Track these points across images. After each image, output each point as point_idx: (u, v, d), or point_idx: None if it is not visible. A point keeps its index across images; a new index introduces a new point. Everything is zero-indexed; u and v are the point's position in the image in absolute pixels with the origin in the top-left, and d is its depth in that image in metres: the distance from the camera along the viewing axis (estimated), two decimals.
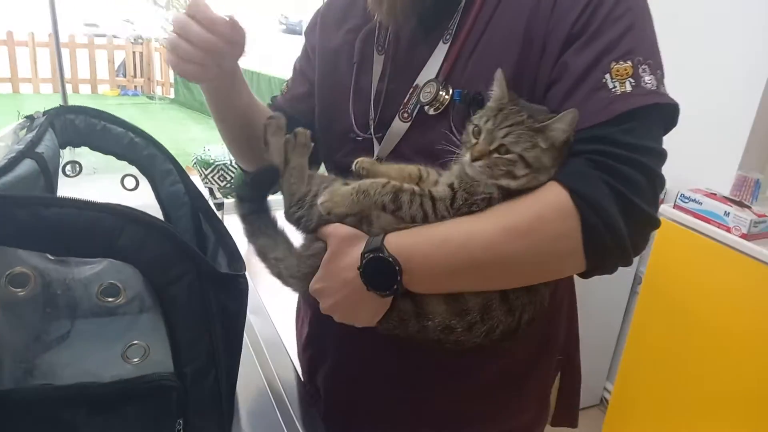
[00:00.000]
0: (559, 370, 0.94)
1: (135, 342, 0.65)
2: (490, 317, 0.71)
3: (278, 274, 0.82)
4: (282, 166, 0.82)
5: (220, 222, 0.86)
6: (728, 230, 1.77)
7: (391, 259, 0.68)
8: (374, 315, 0.74)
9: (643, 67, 0.68)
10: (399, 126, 0.81)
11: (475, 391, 0.85)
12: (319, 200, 0.73)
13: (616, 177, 0.65)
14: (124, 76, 8.81)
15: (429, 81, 0.79)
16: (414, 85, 0.80)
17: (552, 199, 0.66)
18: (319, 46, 0.94)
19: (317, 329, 0.96)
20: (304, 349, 1.02)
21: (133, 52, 8.66)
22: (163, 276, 0.64)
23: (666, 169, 0.69)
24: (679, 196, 1.93)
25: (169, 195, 0.92)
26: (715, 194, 1.88)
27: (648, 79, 0.68)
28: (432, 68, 0.79)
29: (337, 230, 0.75)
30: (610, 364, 2.32)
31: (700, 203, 1.85)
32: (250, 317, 1.05)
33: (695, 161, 2.08)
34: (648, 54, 0.69)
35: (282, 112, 0.89)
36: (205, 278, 0.67)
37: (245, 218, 0.84)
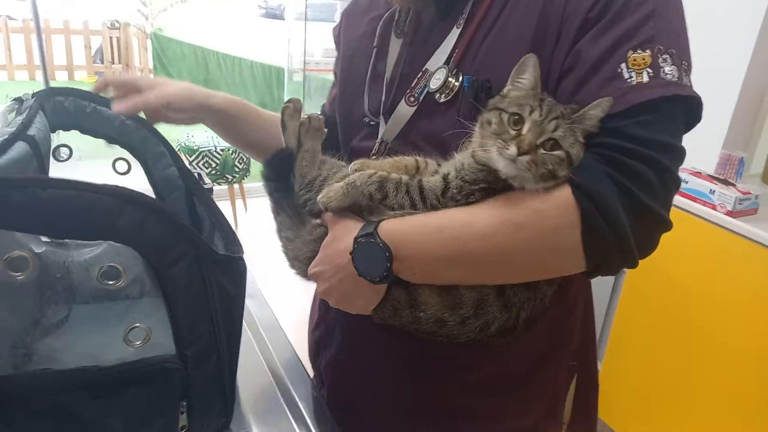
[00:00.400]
0: (573, 376, 0.90)
1: (137, 325, 0.65)
2: (485, 312, 0.70)
3: (286, 254, 0.83)
4: (296, 149, 0.84)
5: (215, 205, 0.86)
6: (714, 208, 1.80)
7: (381, 244, 0.67)
8: (368, 302, 0.73)
9: (664, 56, 0.64)
10: (404, 110, 0.79)
11: (475, 388, 0.83)
12: (318, 197, 0.75)
13: (624, 172, 0.61)
14: (102, 62, 8.62)
15: (440, 67, 0.77)
16: (423, 69, 0.79)
17: (553, 192, 0.63)
18: (344, 38, 0.94)
19: (325, 315, 0.96)
20: (312, 332, 1.02)
21: (110, 38, 8.47)
22: (163, 258, 0.63)
23: None
24: None
25: (162, 178, 0.90)
26: (701, 173, 1.91)
27: (669, 70, 0.64)
28: (442, 53, 0.77)
29: (337, 216, 0.75)
30: (597, 342, 2.36)
31: (686, 182, 1.87)
32: (247, 301, 1.04)
33: None
34: (671, 43, 0.65)
35: (326, 116, 0.93)
36: (204, 260, 0.67)
37: (271, 195, 0.88)
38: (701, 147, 2.23)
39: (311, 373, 0.94)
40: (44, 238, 0.68)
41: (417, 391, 0.85)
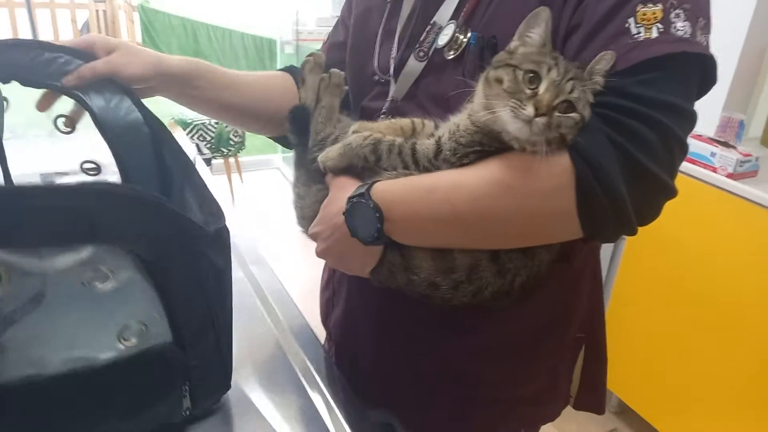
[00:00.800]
0: (580, 349, 0.89)
1: (130, 322, 0.61)
2: (478, 278, 0.69)
3: (296, 209, 0.84)
4: (313, 104, 0.83)
5: (186, 157, 0.75)
6: (714, 170, 1.80)
7: (372, 205, 0.67)
8: (363, 264, 0.74)
9: (676, 11, 0.60)
10: (414, 65, 0.78)
11: (476, 352, 0.82)
12: (319, 156, 0.75)
13: (624, 133, 0.58)
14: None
15: (449, 22, 0.74)
16: (432, 22, 0.76)
17: (549, 154, 0.60)
18: None
19: (333, 275, 0.97)
20: (322, 292, 1.03)
21: (96, 11, 8.29)
22: (153, 249, 0.60)
23: None
24: None
25: (124, 126, 0.74)
26: (701, 136, 1.90)
27: (681, 26, 0.60)
28: (449, 7, 0.75)
29: (337, 177, 0.75)
30: None
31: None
32: (252, 269, 1.04)
33: None
34: None
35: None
36: (194, 241, 0.63)
37: (295, 148, 0.87)
38: (702, 110, 2.22)
39: (320, 336, 0.94)
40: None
41: (417, 352, 0.85)
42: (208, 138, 3.34)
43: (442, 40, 0.74)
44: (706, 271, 1.83)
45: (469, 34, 0.72)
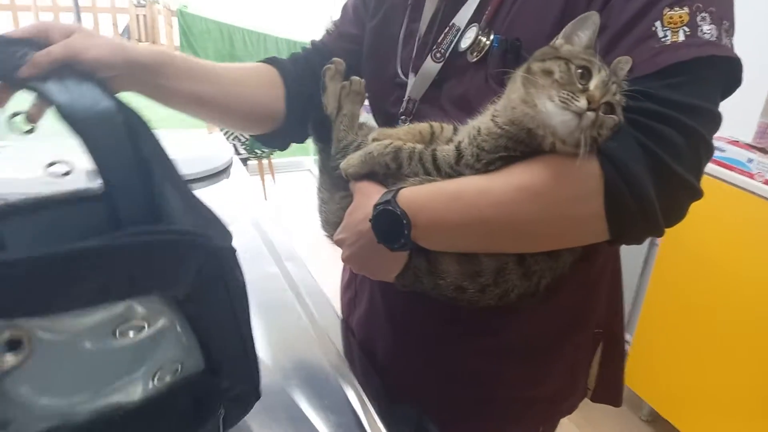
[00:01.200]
0: (598, 344, 0.89)
1: (165, 363, 0.58)
2: (504, 281, 0.70)
3: (320, 214, 0.85)
4: (335, 111, 0.84)
5: (163, 152, 0.65)
6: (751, 177, 1.76)
7: (399, 212, 0.67)
8: (389, 269, 0.74)
9: (702, 15, 0.60)
10: (430, 66, 0.78)
11: (495, 352, 0.83)
12: (341, 163, 0.76)
13: (650, 136, 0.58)
14: (129, 40, 8.68)
15: (471, 25, 0.75)
16: (450, 24, 0.77)
17: (577, 158, 0.60)
18: None
19: (355, 275, 0.98)
20: (343, 291, 1.05)
21: (137, 15, 8.51)
22: (189, 287, 0.56)
23: None
24: None
25: (94, 117, 0.63)
26: (738, 142, 1.86)
27: (707, 29, 0.60)
28: (468, 9, 0.76)
29: (361, 183, 0.76)
30: (629, 314, 2.34)
31: (724, 150, 1.83)
32: (287, 264, 1.07)
33: None
34: (711, 1, 0.61)
35: (325, 48, 0.92)
36: (226, 266, 0.60)
37: (319, 153, 0.88)
38: (739, 115, 2.17)
39: None
40: None
41: (439, 352, 0.86)
42: (243, 140, 3.40)
43: (465, 42, 0.75)
44: (741, 279, 1.79)
45: (491, 37, 0.73)
